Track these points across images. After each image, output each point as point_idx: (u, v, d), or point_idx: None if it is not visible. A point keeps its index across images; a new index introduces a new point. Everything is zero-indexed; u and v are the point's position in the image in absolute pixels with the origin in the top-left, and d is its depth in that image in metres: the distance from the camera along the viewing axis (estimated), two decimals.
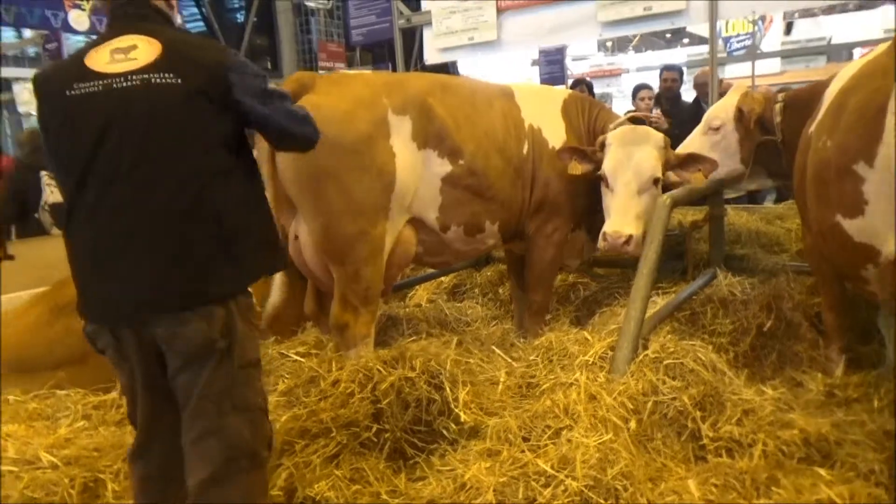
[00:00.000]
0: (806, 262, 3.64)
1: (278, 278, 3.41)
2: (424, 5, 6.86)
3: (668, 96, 6.63)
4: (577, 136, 3.75)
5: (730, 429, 2.44)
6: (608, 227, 3.36)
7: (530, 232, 3.69)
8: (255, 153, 2.53)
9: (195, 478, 1.99)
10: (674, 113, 6.09)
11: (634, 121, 3.67)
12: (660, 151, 3.42)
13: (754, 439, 2.39)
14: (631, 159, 3.39)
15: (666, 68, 7.00)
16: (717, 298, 3.53)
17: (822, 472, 2.23)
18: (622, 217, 3.35)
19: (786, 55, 15.40)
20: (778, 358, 3.26)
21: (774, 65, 15.28)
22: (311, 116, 2.27)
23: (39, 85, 2.02)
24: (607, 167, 3.44)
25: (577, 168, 3.49)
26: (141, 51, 1.95)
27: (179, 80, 1.91)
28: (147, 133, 1.89)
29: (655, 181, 3.39)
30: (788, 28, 17.01)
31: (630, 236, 3.28)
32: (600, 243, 3.39)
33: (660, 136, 3.47)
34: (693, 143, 3.75)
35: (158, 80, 1.90)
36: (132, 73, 1.91)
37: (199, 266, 1.92)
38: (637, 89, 6.84)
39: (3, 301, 4.18)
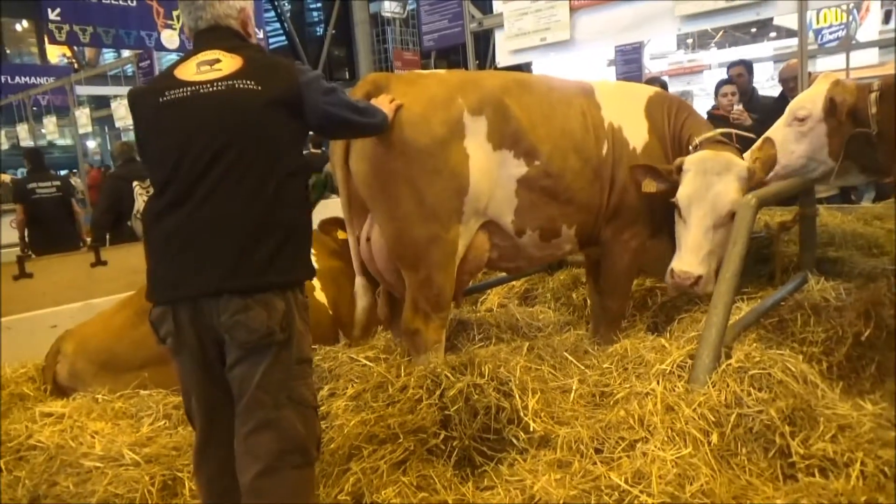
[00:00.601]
0: None
1: (359, 284, 3.38)
2: (496, 7, 6.82)
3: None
4: (661, 138, 3.53)
5: (823, 446, 2.25)
6: (676, 265, 3.19)
7: (606, 238, 3.53)
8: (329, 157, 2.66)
9: (248, 474, 2.05)
10: (748, 109, 5.81)
11: (721, 136, 3.41)
12: (741, 182, 3.17)
13: (851, 458, 2.19)
14: (709, 191, 3.16)
15: (732, 64, 6.69)
16: (808, 304, 3.27)
17: None
18: (693, 255, 3.16)
19: (885, 45, 14.40)
20: (878, 370, 2.98)
21: (872, 56, 14.33)
22: (371, 107, 2.61)
23: (134, 98, 2.22)
24: (682, 197, 3.22)
25: (651, 186, 3.29)
26: (224, 63, 2.13)
27: (260, 88, 2.08)
28: (232, 132, 2.04)
29: (734, 216, 3.10)
30: (887, 16, 15.91)
31: (699, 277, 3.11)
32: (667, 279, 3.22)
33: (743, 165, 3.21)
34: (776, 134, 3.50)
35: (241, 86, 2.07)
36: (217, 80, 2.08)
37: (266, 256, 2.02)
38: (720, 85, 6.54)
39: (97, 304, 4.44)
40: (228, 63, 2.12)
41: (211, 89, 2.07)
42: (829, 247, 4.11)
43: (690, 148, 3.39)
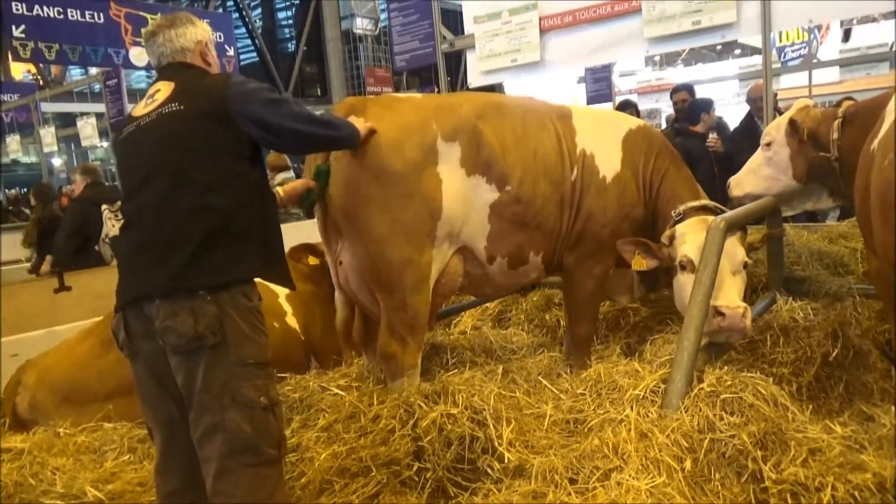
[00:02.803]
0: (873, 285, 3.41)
1: (338, 297, 3.43)
2: (467, 29, 6.86)
3: (681, 117, 6.44)
4: (634, 172, 3.50)
5: (795, 470, 2.25)
6: (721, 301, 2.88)
7: (569, 264, 3.50)
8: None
9: (208, 479, 2.11)
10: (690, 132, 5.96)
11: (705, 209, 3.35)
12: (739, 237, 3.17)
13: (822, 483, 2.20)
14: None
15: (675, 90, 6.79)
16: (777, 325, 3.31)
17: None
18: (728, 291, 2.97)
19: (845, 63, 14.87)
20: (845, 389, 3.04)
21: (833, 74, 14.75)
22: (336, 120, 2.63)
23: (113, 140, 2.53)
24: (692, 251, 3.09)
25: (640, 263, 3.22)
26: (161, 93, 2.32)
27: (183, 107, 2.23)
28: (159, 154, 2.22)
29: (745, 265, 3.13)
30: (846, 35, 16.40)
31: (746, 308, 2.92)
32: (714, 323, 2.87)
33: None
34: (755, 158, 3.64)
35: (168, 110, 2.25)
36: (153, 111, 2.29)
37: (191, 257, 2.11)
38: (707, 106, 6.56)
39: (61, 331, 4.31)
40: (164, 92, 2.29)
41: (147, 121, 2.27)
42: (796, 266, 4.18)
43: (673, 214, 3.36)
